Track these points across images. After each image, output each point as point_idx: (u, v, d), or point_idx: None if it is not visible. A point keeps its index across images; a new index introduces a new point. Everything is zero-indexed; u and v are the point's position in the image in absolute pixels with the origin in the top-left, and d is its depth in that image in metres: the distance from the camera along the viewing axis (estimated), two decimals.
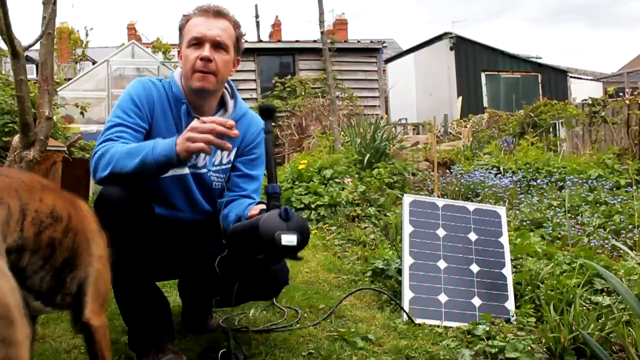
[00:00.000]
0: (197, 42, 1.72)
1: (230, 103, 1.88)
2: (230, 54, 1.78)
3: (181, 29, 1.79)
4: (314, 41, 12.74)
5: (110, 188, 1.58)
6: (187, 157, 1.54)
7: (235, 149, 1.88)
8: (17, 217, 1.07)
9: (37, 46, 3.72)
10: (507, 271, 2.37)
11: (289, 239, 1.46)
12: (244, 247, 1.53)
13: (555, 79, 15.91)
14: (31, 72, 14.76)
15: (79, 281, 1.24)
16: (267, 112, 1.60)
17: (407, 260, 2.33)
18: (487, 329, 1.99)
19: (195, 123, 1.51)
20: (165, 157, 1.52)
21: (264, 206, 1.54)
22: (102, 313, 1.30)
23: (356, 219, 4.23)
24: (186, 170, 1.80)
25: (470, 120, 11.09)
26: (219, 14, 1.76)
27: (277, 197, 1.52)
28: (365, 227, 3.94)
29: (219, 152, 1.85)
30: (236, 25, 1.81)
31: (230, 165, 1.89)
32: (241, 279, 1.64)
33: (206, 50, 1.71)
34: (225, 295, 1.76)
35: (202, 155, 1.82)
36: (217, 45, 1.73)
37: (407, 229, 2.42)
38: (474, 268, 2.37)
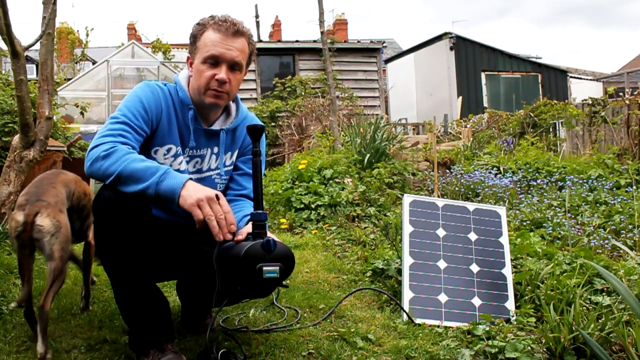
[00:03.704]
0: (214, 62, 1.72)
1: (233, 107, 1.91)
2: (243, 73, 1.80)
3: (195, 37, 1.77)
4: (314, 41, 12.76)
5: (109, 189, 1.58)
6: (185, 197, 1.49)
7: (237, 149, 1.92)
8: (70, 194, 2.09)
9: (37, 46, 3.72)
10: (507, 271, 2.37)
11: (271, 271, 1.46)
12: (229, 275, 1.54)
13: (555, 79, 15.90)
14: (31, 72, 14.77)
15: (87, 224, 2.25)
16: (255, 133, 1.58)
17: (407, 260, 2.33)
18: (487, 329, 1.99)
19: (214, 199, 1.49)
20: (166, 197, 1.51)
21: (250, 228, 1.54)
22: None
23: (356, 219, 4.23)
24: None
25: (470, 120, 11.08)
26: (237, 32, 1.73)
27: (262, 225, 1.52)
28: (365, 227, 3.95)
29: (225, 155, 1.88)
30: (250, 40, 1.80)
31: (232, 167, 1.92)
32: (231, 285, 1.63)
33: (223, 72, 1.71)
34: (220, 294, 1.76)
35: (207, 160, 1.84)
36: (234, 67, 1.74)
37: (407, 229, 2.42)
38: (474, 268, 2.37)
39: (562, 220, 3.58)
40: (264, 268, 1.45)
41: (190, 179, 1.54)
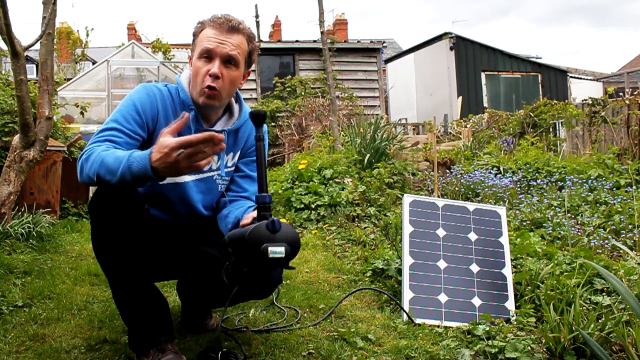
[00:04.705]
0: (208, 56, 1.71)
1: (236, 107, 1.89)
2: (240, 70, 1.76)
3: (195, 36, 1.78)
4: (314, 41, 12.77)
5: (104, 190, 1.58)
6: (164, 171, 1.43)
7: (239, 151, 1.90)
8: None
9: (37, 46, 3.73)
10: (507, 271, 2.38)
11: (276, 251, 1.45)
12: (236, 257, 1.53)
13: (555, 79, 15.91)
14: (31, 72, 14.76)
15: None
16: (258, 119, 1.58)
17: (407, 260, 2.33)
18: (487, 329, 1.99)
19: (173, 147, 1.40)
20: (145, 177, 1.46)
21: (255, 214, 1.53)
22: None
23: (356, 219, 4.23)
24: (186, 178, 1.80)
25: (470, 120, 11.08)
26: (233, 28, 1.73)
27: (267, 207, 1.51)
28: (365, 227, 3.95)
29: (227, 155, 1.87)
30: (250, 39, 1.78)
31: (233, 168, 1.91)
32: (236, 280, 1.63)
33: (216, 67, 1.70)
34: (220, 295, 1.76)
35: None
36: (228, 61, 1.72)
37: (407, 229, 2.42)
38: (474, 268, 2.37)
39: (562, 220, 3.58)
40: (269, 248, 1.44)
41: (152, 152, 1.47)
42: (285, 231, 1.48)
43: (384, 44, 13.98)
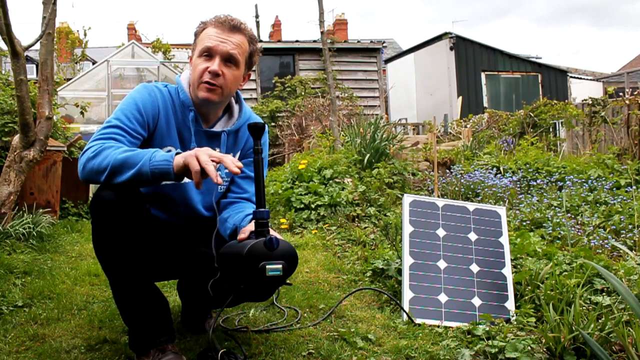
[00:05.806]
0: (208, 54, 1.72)
1: (236, 108, 1.89)
2: (240, 70, 1.77)
3: (196, 35, 1.78)
4: (314, 41, 12.77)
5: (106, 189, 1.58)
6: (181, 172, 1.49)
7: (239, 152, 1.90)
8: None
9: (37, 46, 3.73)
10: (507, 271, 2.38)
11: (274, 269, 1.45)
12: (232, 274, 1.53)
13: (555, 79, 15.90)
14: (31, 72, 14.76)
15: None
16: (256, 131, 1.57)
17: (407, 260, 2.33)
18: (487, 329, 1.99)
19: (209, 149, 1.49)
20: (161, 170, 1.50)
21: (253, 227, 1.54)
22: None
23: (356, 219, 4.23)
24: (187, 179, 1.80)
25: (470, 120, 11.08)
26: (234, 28, 1.73)
27: (265, 223, 1.51)
28: (365, 227, 3.95)
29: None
30: (252, 40, 1.79)
31: None
32: (235, 284, 1.63)
33: (215, 64, 1.70)
34: (220, 296, 1.76)
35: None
36: (228, 60, 1.72)
37: (407, 229, 2.42)
38: (474, 268, 2.37)
39: (562, 220, 3.58)
40: (267, 266, 1.45)
41: (178, 152, 1.54)
42: (283, 248, 1.48)
43: (384, 44, 13.98)
